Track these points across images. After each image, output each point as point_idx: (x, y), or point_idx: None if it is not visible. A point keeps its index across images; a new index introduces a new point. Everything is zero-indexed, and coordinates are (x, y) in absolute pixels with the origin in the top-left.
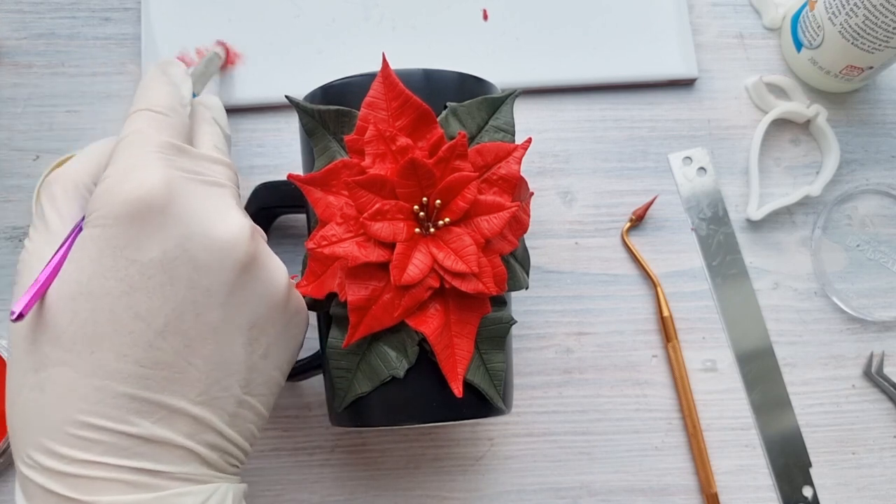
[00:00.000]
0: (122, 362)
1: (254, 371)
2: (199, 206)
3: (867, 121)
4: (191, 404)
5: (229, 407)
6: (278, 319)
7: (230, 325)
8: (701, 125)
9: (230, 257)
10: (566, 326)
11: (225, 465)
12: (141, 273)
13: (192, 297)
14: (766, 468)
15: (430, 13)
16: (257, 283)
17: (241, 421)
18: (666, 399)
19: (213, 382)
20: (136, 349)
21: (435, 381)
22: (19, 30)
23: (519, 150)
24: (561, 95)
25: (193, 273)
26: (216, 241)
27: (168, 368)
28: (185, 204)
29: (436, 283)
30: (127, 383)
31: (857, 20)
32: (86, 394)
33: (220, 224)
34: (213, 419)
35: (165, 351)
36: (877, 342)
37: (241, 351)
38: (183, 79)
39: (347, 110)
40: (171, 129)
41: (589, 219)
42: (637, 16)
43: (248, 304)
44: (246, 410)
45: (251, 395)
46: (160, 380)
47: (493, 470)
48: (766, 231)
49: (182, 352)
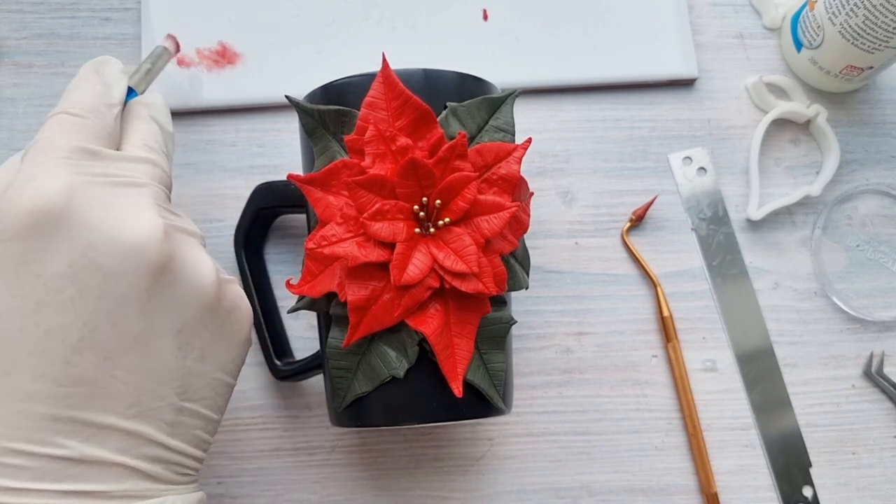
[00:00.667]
0: (40, 382)
1: (190, 376)
2: (105, 211)
3: (867, 121)
4: (120, 419)
5: (167, 416)
6: (210, 320)
7: (153, 331)
8: (701, 125)
9: (141, 261)
10: (566, 326)
11: (173, 476)
12: (47, 287)
13: (106, 307)
14: (766, 468)
15: (430, 13)
16: (178, 285)
17: (183, 429)
18: (666, 399)
19: (144, 393)
20: (52, 367)
21: (435, 381)
22: (19, 30)
23: (519, 150)
24: (561, 95)
25: (103, 282)
26: (123, 246)
27: (89, 384)
28: (89, 210)
29: (436, 283)
30: (47, 404)
31: (857, 20)
32: (5, 418)
33: (128, 227)
34: (148, 431)
35: (84, 366)
36: (877, 342)
37: (170, 358)
38: (117, 77)
39: (347, 110)
40: (85, 131)
41: (589, 219)
42: (637, 16)
43: (171, 307)
44: (188, 417)
45: (191, 400)
46: (83, 397)
47: (493, 470)
48: (766, 231)
49: (102, 365)
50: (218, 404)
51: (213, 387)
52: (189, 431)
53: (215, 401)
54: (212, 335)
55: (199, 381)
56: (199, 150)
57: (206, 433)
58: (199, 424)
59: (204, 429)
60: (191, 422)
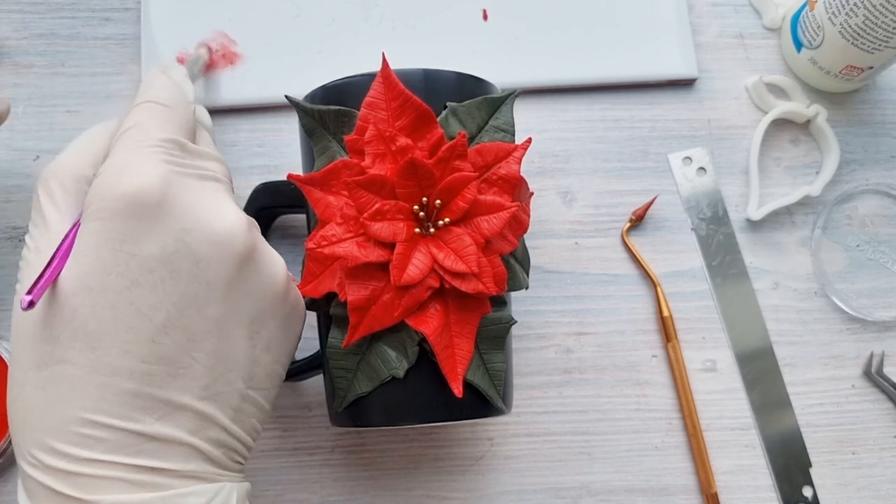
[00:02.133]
0: (125, 359)
1: (256, 365)
2: (196, 201)
3: (867, 121)
4: (195, 400)
5: (233, 402)
6: (278, 312)
7: (232, 318)
8: (701, 125)
9: (230, 250)
10: (566, 326)
11: (229, 462)
12: (141, 267)
13: (194, 290)
14: (766, 468)
15: (430, 13)
16: (257, 276)
17: (244, 416)
18: (666, 399)
19: (217, 377)
20: (139, 345)
21: (435, 381)
22: (19, 30)
23: (519, 150)
24: (561, 95)
25: (194, 267)
26: (215, 234)
27: (171, 364)
28: (182, 198)
29: (436, 283)
30: (130, 380)
31: (857, 20)
32: (88, 391)
33: (217, 217)
34: (217, 415)
35: (168, 346)
36: (877, 342)
37: (243, 345)
38: (184, 80)
39: (347, 110)
40: (172, 122)
41: (589, 219)
42: (637, 16)
43: (250, 297)
44: (249, 405)
45: (254, 389)
46: (163, 375)
47: (493, 470)
48: (766, 231)
49: (185, 346)
50: (271, 396)
51: (271, 377)
52: (248, 419)
53: (270, 392)
54: (277, 327)
55: (262, 371)
56: None
57: (259, 423)
58: (256, 413)
59: (258, 418)
60: (250, 409)
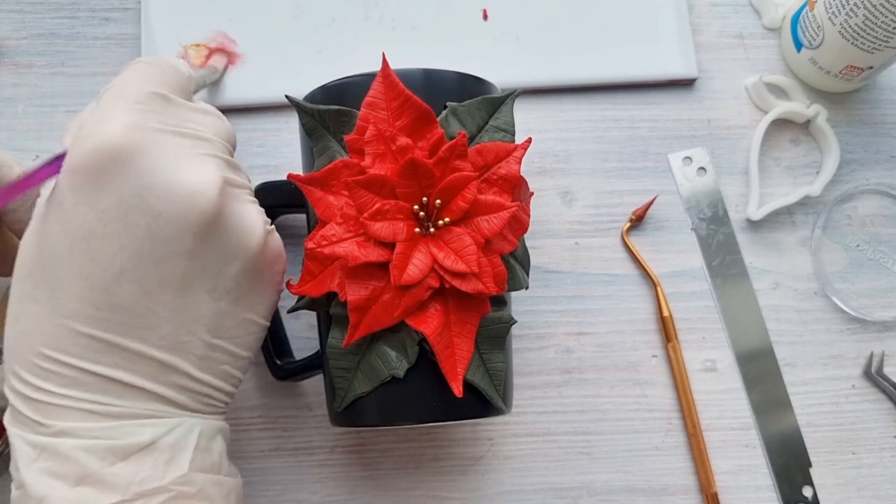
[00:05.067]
0: (80, 303)
1: (223, 316)
2: (166, 158)
3: (867, 121)
4: (152, 348)
5: (197, 351)
6: (250, 270)
7: (195, 275)
8: (701, 125)
9: (192, 209)
10: (566, 326)
11: (199, 406)
12: (98, 220)
13: (151, 245)
14: (766, 468)
15: (430, 13)
16: (226, 237)
17: (212, 363)
18: (666, 399)
19: (177, 328)
20: (93, 293)
21: (435, 381)
22: (19, 30)
23: (519, 150)
24: (561, 95)
25: (151, 222)
26: (177, 193)
27: (126, 313)
28: (150, 154)
29: (436, 283)
30: (85, 324)
31: (857, 20)
32: (47, 329)
33: (184, 175)
34: (178, 362)
35: (123, 296)
36: (877, 342)
37: (206, 298)
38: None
39: (347, 110)
40: (156, 78)
41: (589, 219)
42: (637, 16)
43: (217, 256)
44: (217, 353)
45: (222, 338)
46: (119, 323)
47: (493, 470)
48: (766, 231)
49: (140, 298)
50: (248, 342)
51: (244, 326)
52: (217, 366)
53: (245, 339)
54: (249, 281)
55: (231, 321)
56: None
57: (235, 369)
58: (228, 360)
59: (232, 364)
60: (220, 357)
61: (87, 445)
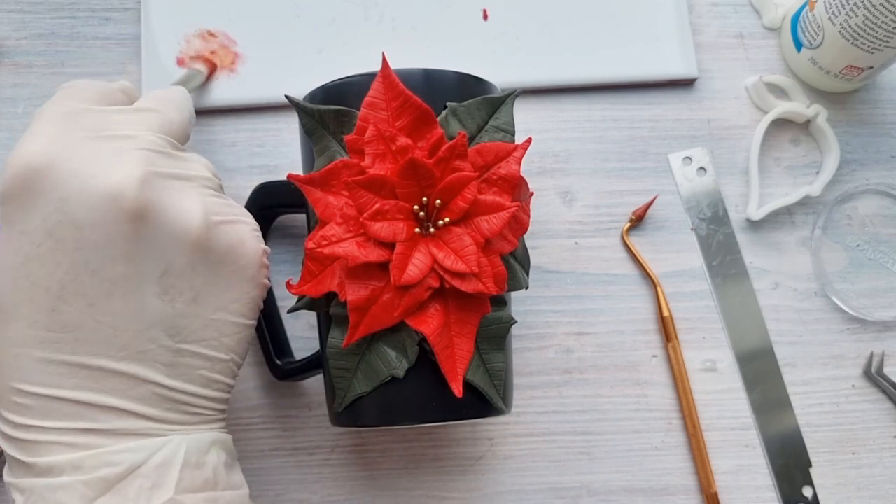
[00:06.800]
0: (33, 329)
1: (183, 318)
2: (81, 165)
3: (867, 121)
4: (111, 361)
5: (162, 358)
6: (200, 263)
7: (136, 277)
8: (701, 125)
9: (114, 211)
10: (566, 326)
11: (183, 417)
12: (30, 242)
13: (83, 256)
14: (766, 468)
15: (430, 13)
16: (159, 231)
17: (184, 369)
18: (666, 399)
19: (132, 336)
20: (42, 315)
21: (435, 381)
22: (19, 30)
23: (519, 150)
24: (561, 95)
25: (77, 233)
26: (94, 198)
27: (76, 329)
28: (65, 166)
29: (436, 283)
30: (40, 349)
31: (857, 20)
32: (10, 362)
33: (100, 179)
34: (143, 372)
35: (69, 313)
36: (877, 342)
37: (155, 301)
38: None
39: (347, 110)
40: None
41: (589, 219)
42: (637, 16)
43: (153, 253)
44: (188, 358)
45: (188, 342)
46: (71, 342)
47: (493, 470)
48: (766, 231)
49: (87, 311)
50: (226, 344)
51: (216, 327)
52: (192, 372)
53: (221, 341)
54: (205, 278)
55: (195, 323)
56: (199, 150)
57: (217, 373)
58: (203, 364)
59: (211, 369)
60: (192, 362)
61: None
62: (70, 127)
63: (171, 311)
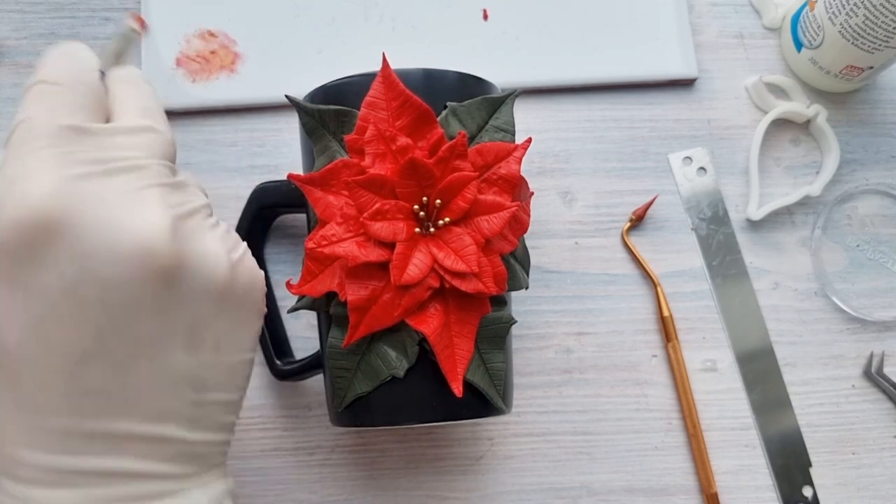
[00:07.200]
0: (46, 396)
1: (206, 368)
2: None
3: (867, 121)
4: (137, 424)
5: (186, 412)
6: (224, 309)
7: (165, 334)
8: (701, 125)
9: (146, 267)
10: (566, 326)
11: (194, 469)
12: (43, 302)
13: (108, 317)
14: (766, 468)
15: (430, 13)
16: (188, 283)
17: (205, 420)
18: (666, 399)
19: (160, 396)
20: (58, 381)
21: (435, 381)
22: (19, 30)
23: (519, 149)
24: (561, 95)
25: (103, 293)
26: (124, 252)
27: (100, 395)
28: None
29: (436, 283)
30: (57, 417)
31: (857, 20)
32: (15, 430)
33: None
34: (168, 432)
35: (92, 378)
36: (877, 342)
37: (183, 357)
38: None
39: (347, 110)
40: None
41: (589, 219)
42: (637, 16)
43: (183, 307)
44: (208, 407)
45: (209, 391)
46: (94, 408)
47: (493, 470)
48: (766, 231)
49: (112, 375)
50: (238, 384)
51: (233, 369)
52: (209, 420)
53: (235, 382)
54: (226, 323)
55: (218, 371)
56: (198, 150)
57: (229, 414)
58: (220, 410)
59: (225, 411)
60: (211, 410)
61: None
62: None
63: (196, 363)
